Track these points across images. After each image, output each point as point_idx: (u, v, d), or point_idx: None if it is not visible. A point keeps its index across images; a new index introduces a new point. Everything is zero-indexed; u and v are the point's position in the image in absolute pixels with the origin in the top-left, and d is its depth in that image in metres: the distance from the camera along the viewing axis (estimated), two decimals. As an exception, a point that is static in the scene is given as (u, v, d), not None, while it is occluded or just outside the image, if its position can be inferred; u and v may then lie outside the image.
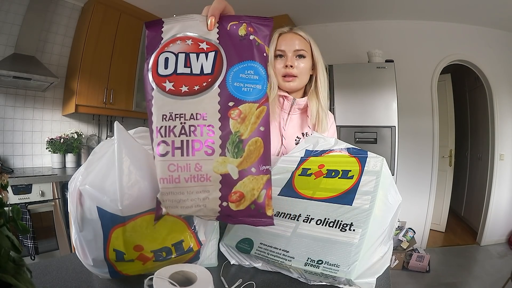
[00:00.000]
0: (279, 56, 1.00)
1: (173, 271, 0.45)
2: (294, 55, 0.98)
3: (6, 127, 2.40)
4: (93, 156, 0.55)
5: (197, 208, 0.45)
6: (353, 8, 2.98)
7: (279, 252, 0.58)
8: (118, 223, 0.49)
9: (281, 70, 0.99)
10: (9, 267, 0.31)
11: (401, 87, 2.79)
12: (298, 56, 0.99)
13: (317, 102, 1.02)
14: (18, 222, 0.34)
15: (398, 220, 2.61)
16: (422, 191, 3.16)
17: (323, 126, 1.02)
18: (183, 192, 0.44)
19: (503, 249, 3.09)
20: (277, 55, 1.00)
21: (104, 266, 0.52)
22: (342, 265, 0.51)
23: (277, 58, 1.00)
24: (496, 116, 3.17)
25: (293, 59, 0.98)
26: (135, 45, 2.96)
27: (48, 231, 2.07)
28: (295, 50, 0.98)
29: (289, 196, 0.71)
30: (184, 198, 0.44)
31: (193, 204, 0.45)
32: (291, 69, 0.98)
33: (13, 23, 2.33)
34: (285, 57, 0.99)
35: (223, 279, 0.58)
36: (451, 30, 3.09)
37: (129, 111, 2.97)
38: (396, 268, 2.69)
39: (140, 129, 0.71)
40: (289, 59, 0.98)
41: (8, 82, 2.21)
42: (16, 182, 1.95)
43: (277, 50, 0.99)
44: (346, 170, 0.71)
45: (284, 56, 0.99)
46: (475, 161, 3.88)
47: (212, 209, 0.45)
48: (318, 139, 0.85)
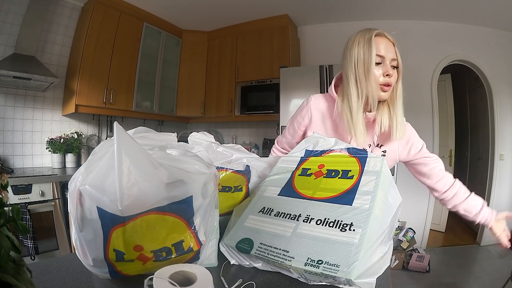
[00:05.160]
0: (377, 63, 0.88)
1: (173, 271, 0.45)
2: (390, 64, 0.89)
3: (6, 127, 2.40)
4: (93, 156, 0.55)
5: None
6: (353, 8, 2.98)
7: (279, 252, 0.58)
8: (118, 223, 0.49)
9: (380, 78, 0.89)
10: (9, 267, 0.31)
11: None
12: (392, 66, 0.90)
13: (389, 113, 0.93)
14: (18, 222, 0.34)
15: (398, 220, 2.60)
16: (422, 191, 3.15)
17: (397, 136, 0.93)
18: None
19: (503, 249, 3.08)
20: (376, 62, 0.88)
21: (104, 266, 0.52)
22: (342, 265, 0.51)
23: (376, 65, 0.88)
24: (496, 116, 3.17)
25: (389, 67, 0.89)
26: (135, 45, 2.96)
27: (48, 231, 2.08)
28: (392, 59, 0.89)
29: (289, 196, 0.71)
30: None
31: None
32: (390, 79, 0.89)
33: (13, 23, 2.33)
34: (383, 64, 0.89)
35: (223, 279, 0.58)
36: (451, 30, 3.09)
37: (129, 111, 2.97)
38: (396, 268, 2.69)
39: (140, 129, 0.71)
40: (388, 68, 0.88)
41: (8, 82, 2.21)
42: (16, 182, 1.95)
43: (378, 56, 0.88)
44: (346, 170, 0.71)
45: (381, 63, 0.89)
46: (475, 161, 3.88)
47: None
48: (318, 139, 0.85)
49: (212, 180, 0.60)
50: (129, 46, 2.90)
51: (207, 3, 2.88)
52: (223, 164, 0.91)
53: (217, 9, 3.01)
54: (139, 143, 0.51)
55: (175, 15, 3.18)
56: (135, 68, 2.96)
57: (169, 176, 0.52)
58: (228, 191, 0.83)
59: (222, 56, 3.46)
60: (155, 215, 0.50)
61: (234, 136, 3.75)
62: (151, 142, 0.66)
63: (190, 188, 0.54)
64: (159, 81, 3.26)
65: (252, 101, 3.19)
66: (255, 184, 0.85)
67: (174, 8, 3.01)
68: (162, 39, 3.25)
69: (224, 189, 0.84)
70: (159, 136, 0.70)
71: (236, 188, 0.84)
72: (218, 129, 3.85)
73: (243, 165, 0.91)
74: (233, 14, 3.14)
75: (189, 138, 0.90)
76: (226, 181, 0.87)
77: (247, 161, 0.92)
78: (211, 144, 0.93)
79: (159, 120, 3.59)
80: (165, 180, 0.51)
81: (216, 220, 0.66)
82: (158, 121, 3.60)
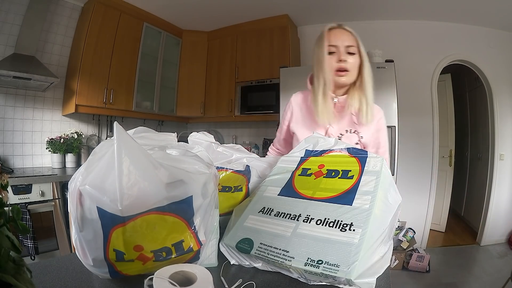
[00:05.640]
0: (330, 53, 1.01)
1: (173, 271, 0.45)
2: (345, 51, 1.00)
3: (6, 127, 2.40)
4: (93, 156, 0.55)
5: None
6: (353, 8, 2.98)
7: (279, 252, 0.58)
8: (118, 223, 0.49)
9: (334, 65, 1.01)
10: (9, 267, 0.31)
11: (401, 87, 2.79)
12: (348, 52, 1.01)
13: (360, 98, 1.03)
14: (18, 222, 0.34)
15: (398, 220, 2.60)
16: (422, 191, 3.16)
17: (365, 121, 1.03)
18: None
19: (503, 249, 3.09)
20: (330, 51, 1.01)
21: (104, 266, 0.52)
22: (342, 265, 0.51)
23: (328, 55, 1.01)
24: (496, 116, 3.17)
25: (345, 54, 1.00)
26: (135, 45, 2.96)
27: (48, 231, 2.07)
28: (346, 46, 1.00)
29: (289, 196, 0.71)
30: None
31: None
32: (344, 63, 1.00)
33: (13, 23, 2.33)
34: (337, 52, 1.01)
35: (223, 279, 0.58)
36: (451, 30, 3.09)
37: (129, 111, 2.97)
38: (396, 268, 2.69)
39: (140, 129, 0.71)
40: (342, 54, 1.00)
41: (8, 82, 2.21)
42: (16, 182, 1.95)
43: (330, 46, 1.01)
44: (346, 170, 0.71)
45: (335, 52, 1.01)
46: (475, 161, 3.88)
47: None
48: (318, 139, 0.85)
49: (212, 180, 0.60)
50: (129, 46, 2.90)
51: (207, 3, 2.88)
52: (223, 164, 0.91)
53: (217, 9, 3.01)
54: (139, 143, 0.51)
55: (175, 15, 3.18)
56: (135, 68, 2.96)
57: (169, 176, 0.52)
58: (228, 191, 0.83)
59: (222, 56, 3.46)
60: (155, 215, 0.50)
61: (234, 136, 3.75)
62: (151, 142, 0.66)
63: (190, 188, 0.54)
64: (159, 81, 3.26)
65: (252, 101, 3.19)
66: (255, 184, 0.85)
67: (174, 8, 3.01)
68: (162, 39, 3.25)
69: (224, 189, 0.84)
70: (159, 136, 0.70)
71: (236, 188, 0.84)
72: (218, 129, 3.85)
73: (243, 165, 0.91)
74: (233, 14, 3.14)
75: (189, 138, 0.90)
76: (226, 181, 0.87)
77: (247, 161, 0.92)
78: (211, 144, 0.93)
79: (159, 120, 3.59)
80: (165, 180, 0.51)
81: (216, 220, 0.66)
82: (158, 121, 3.60)
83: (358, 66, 1.03)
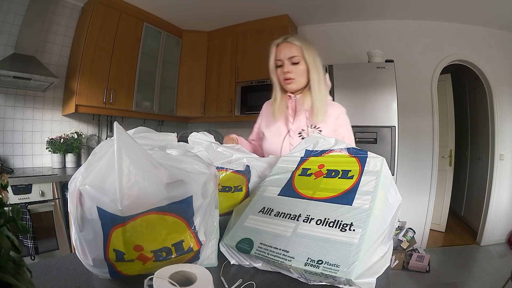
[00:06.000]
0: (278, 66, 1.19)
1: (173, 271, 0.45)
2: (289, 63, 1.16)
3: (6, 127, 2.40)
4: (93, 156, 0.55)
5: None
6: (353, 8, 2.98)
7: (279, 252, 0.58)
8: (118, 223, 0.49)
9: (282, 76, 1.20)
10: (9, 267, 0.31)
11: (401, 87, 2.79)
12: (292, 63, 1.16)
13: (311, 97, 1.17)
14: (18, 222, 0.34)
15: (398, 220, 2.60)
16: (422, 191, 3.16)
17: (318, 117, 1.15)
18: None
19: (503, 249, 3.09)
20: (277, 65, 1.20)
21: (104, 266, 0.52)
22: (342, 265, 0.51)
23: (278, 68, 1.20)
24: (496, 116, 3.17)
25: (289, 65, 1.17)
26: (135, 45, 2.96)
27: (48, 231, 2.07)
28: (289, 58, 1.16)
29: (289, 196, 0.71)
30: None
31: None
32: (289, 74, 1.17)
33: (13, 23, 2.33)
34: (283, 65, 1.18)
35: (223, 279, 0.58)
36: (451, 30, 3.09)
37: (129, 111, 2.97)
38: (396, 268, 2.69)
39: (140, 129, 0.71)
40: (286, 66, 1.17)
41: (8, 82, 2.21)
42: (16, 182, 1.94)
43: (277, 60, 1.19)
44: (346, 170, 0.71)
45: (282, 65, 1.18)
46: (475, 161, 3.88)
47: None
48: (318, 139, 0.85)
49: (212, 180, 0.60)
50: (129, 46, 2.90)
51: (207, 3, 2.88)
52: (223, 164, 0.91)
53: (217, 9, 3.01)
54: (139, 143, 0.51)
55: (175, 15, 3.18)
56: (135, 68, 2.96)
57: (169, 176, 0.52)
58: (228, 191, 0.83)
59: (222, 56, 3.45)
60: (155, 215, 0.50)
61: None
62: (151, 142, 0.66)
63: (190, 188, 0.54)
64: (159, 81, 3.26)
65: (252, 101, 3.19)
66: (255, 184, 0.85)
67: (174, 8, 3.01)
68: (162, 39, 3.25)
69: (224, 189, 0.84)
70: (159, 136, 0.70)
71: (236, 188, 0.84)
72: (218, 129, 3.85)
73: (243, 165, 0.91)
74: (233, 14, 3.14)
75: (189, 138, 0.90)
76: (226, 181, 0.87)
77: (247, 161, 0.92)
78: (211, 144, 0.93)
79: (159, 120, 3.59)
80: (165, 180, 0.51)
81: (216, 220, 0.66)
82: (158, 121, 3.60)
83: (307, 71, 1.17)
